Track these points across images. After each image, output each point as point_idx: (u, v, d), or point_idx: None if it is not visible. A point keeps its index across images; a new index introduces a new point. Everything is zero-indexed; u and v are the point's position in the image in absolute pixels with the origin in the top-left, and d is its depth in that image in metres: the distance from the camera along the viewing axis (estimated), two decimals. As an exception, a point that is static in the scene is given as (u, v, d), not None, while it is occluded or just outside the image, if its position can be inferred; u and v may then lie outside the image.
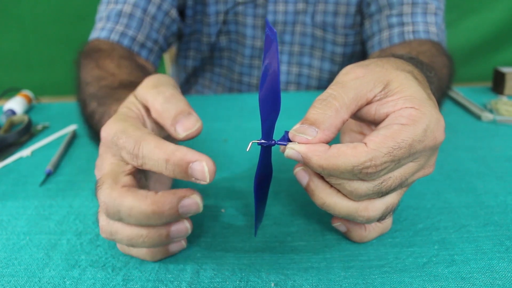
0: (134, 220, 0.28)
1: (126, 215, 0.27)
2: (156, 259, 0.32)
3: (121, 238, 0.29)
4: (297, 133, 0.28)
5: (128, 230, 0.29)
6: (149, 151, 0.28)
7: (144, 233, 0.28)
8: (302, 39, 0.75)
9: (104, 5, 0.67)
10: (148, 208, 0.27)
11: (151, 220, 0.27)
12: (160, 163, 0.28)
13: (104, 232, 0.30)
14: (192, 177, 0.27)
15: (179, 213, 0.28)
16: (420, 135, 0.27)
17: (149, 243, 0.29)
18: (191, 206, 0.28)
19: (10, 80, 1.14)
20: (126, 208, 0.27)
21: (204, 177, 0.27)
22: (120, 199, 0.27)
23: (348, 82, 0.29)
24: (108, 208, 0.28)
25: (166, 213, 0.27)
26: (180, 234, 0.30)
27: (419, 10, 0.63)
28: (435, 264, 0.32)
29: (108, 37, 0.63)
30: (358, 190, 0.28)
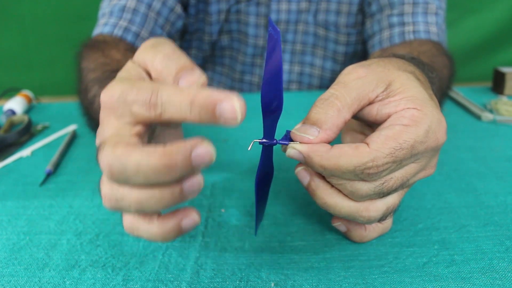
0: (143, 178, 0.24)
1: (133, 173, 0.24)
2: (169, 239, 0.28)
3: (128, 204, 0.25)
4: (298, 132, 0.28)
5: (135, 193, 0.25)
6: (170, 96, 0.25)
7: (156, 194, 0.25)
8: (304, 38, 0.75)
9: (107, 1, 0.67)
10: (158, 161, 0.23)
11: (162, 176, 0.24)
12: (183, 107, 0.24)
13: (108, 201, 0.26)
14: (221, 118, 0.24)
15: (193, 165, 0.24)
16: (422, 136, 0.27)
17: (162, 204, 0.25)
18: (205, 155, 0.24)
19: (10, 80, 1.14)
20: (133, 164, 0.23)
21: (234, 116, 0.23)
22: (125, 156, 0.24)
23: (350, 82, 0.29)
24: (113, 168, 0.24)
25: (179, 165, 0.24)
26: (193, 189, 0.26)
27: (420, 10, 0.63)
28: (435, 264, 0.32)
29: (111, 32, 0.63)
30: (359, 191, 0.28)
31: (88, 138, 0.58)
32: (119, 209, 0.26)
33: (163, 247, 0.35)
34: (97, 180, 0.46)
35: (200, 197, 0.42)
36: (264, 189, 0.32)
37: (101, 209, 0.41)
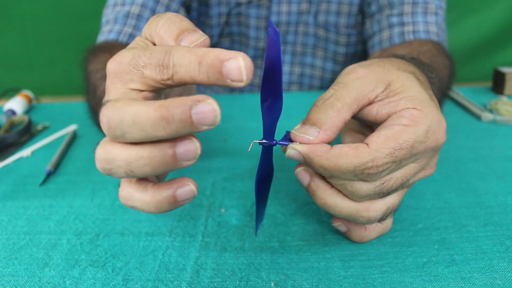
0: (138, 131, 0.23)
1: (129, 125, 0.23)
2: (163, 209, 0.27)
3: (118, 164, 0.24)
4: (298, 133, 0.28)
5: (126, 152, 0.24)
6: (180, 57, 0.24)
7: (146, 154, 0.24)
8: (305, 39, 0.75)
9: (111, 8, 0.66)
10: (156, 112, 0.22)
11: (158, 129, 0.23)
12: (192, 67, 0.24)
13: (100, 162, 0.25)
14: (227, 78, 0.23)
15: (193, 121, 0.23)
16: (422, 136, 0.27)
17: (152, 166, 0.24)
18: (208, 113, 0.23)
19: (10, 80, 1.14)
20: (131, 114, 0.23)
21: (240, 75, 0.23)
22: (124, 107, 0.23)
23: (349, 82, 0.29)
24: (110, 120, 0.23)
25: (177, 119, 0.23)
26: (188, 155, 0.25)
27: (420, 9, 0.63)
28: (435, 264, 0.32)
29: (116, 39, 0.63)
30: (359, 191, 0.28)
31: (88, 138, 0.58)
32: (110, 172, 0.25)
33: (163, 247, 0.35)
34: (97, 180, 0.46)
35: (200, 197, 0.42)
36: (264, 190, 0.32)
37: (101, 209, 0.41)
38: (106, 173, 0.26)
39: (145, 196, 0.26)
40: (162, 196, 0.26)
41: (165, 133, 0.23)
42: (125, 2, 0.65)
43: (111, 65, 0.26)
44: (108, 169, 0.25)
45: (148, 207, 0.26)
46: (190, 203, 0.41)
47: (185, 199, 0.26)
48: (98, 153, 0.25)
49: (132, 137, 0.23)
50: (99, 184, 0.46)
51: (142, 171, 0.24)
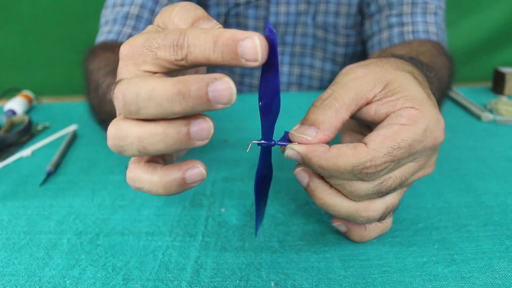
0: (154, 106, 0.23)
1: (145, 100, 0.23)
2: (171, 191, 0.26)
3: (131, 141, 0.24)
4: (297, 133, 0.28)
5: (140, 128, 0.24)
6: (195, 37, 0.24)
7: (160, 130, 0.24)
8: (304, 40, 0.75)
9: (110, 8, 0.67)
10: (172, 87, 0.22)
11: (175, 105, 0.23)
12: (207, 47, 0.24)
13: (112, 138, 0.25)
14: (242, 57, 0.23)
15: (209, 98, 0.23)
16: (420, 135, 0.27)
17: (166, 143, 0.24)
18: (224, 90, 0.23)
19: (10, 81, 1.14)
20: (147, 89, 0.23)
21: (255, 54, 0.23)
22: (140, 83, 0.23)
23: (348, 82, 0.29)
24: (126, 95, 0.23)
25: (194, 95, 0.23)
26: (202, 134, 0.25)
27: (419, 10, 0.63)
28: (435, 264, 0.32)
29: (116, 40, 0.63)
30: (358, 190, 0.28)
31: (88, 138, 0.58)
32: (122, 149, 0.25)
33: (163, 246, 0.35)
34: (97, 180, 0.46)
35: (200, 197, 0.42)
36: (264, 190, 0.32)
37: (101, 209, 0.41)
38: (117, 151, 0.25)
39: (154, 177, 0.26)
40: (171, 178, 0.25)
41: (181, 109, 0.23)
42: (124, 3, 0.65)
43: (125, 48, 0.26)
44: (120, 146, 0.25)
45: (156, 188, 0.26)
46: (190, 203, 0.41)
47: (194, 182, 0.26)
48: (110, 131, 0.25)
49: (147, 113, 0.23)
50: (99, 184, 0.46)
51: (155, 148, 0.24)
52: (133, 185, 0.27)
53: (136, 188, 0.27)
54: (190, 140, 0.24)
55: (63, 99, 0.87)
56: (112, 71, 0.48)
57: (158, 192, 0.26)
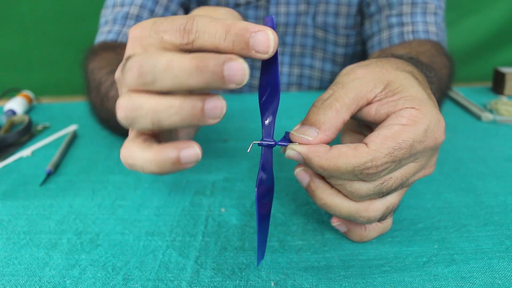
0: (171, 78, 0.24)
1: (162, 70, 0.23)
2: (165, 170, 0.26)
3: (145, 112, 0.24)
4: (297, 133, 0.28)
5: (155, 100, 0.24)
6: (205, 24, 0.24)
7: (176, 103, 0.24)
8: (303, 40, 0.75)
9: (110, 8, 0.66)
10: (191, 60, 0.23)
11: (191, 77, 0.23)
12: (218, 35, 0.24)
13: (124, 110, 0.25)
14: (253, 48, 0.24)
15: (224, 76, 0.24)
16: (421, 135, 0.27)
17: (181, 116, 0.24)
18: (238, 70, 0.24)
19: (10, 81, 1.14)
20: (165, 61, 0.23)
21: (267, 47, 0.24)
22: (158, 54, 0.24)
23: (348, 83, 0.29)
24: (142, 65, 0.24)
25: (210, 71, 0.23)
26: (215, 112, 0.25)
27: (419, 10, 0.63)
28: (435, 264, 0.32)
29: (115, 40, 0.63)
30: (359, 191, 0.28)
31: (88, 138, 0.58)
32: (133, 120, 0.25)
33: (163, 246, 0.35)
34: (97, 180, 0.46)
35: (200, 197, 0.42)
36: (266, 208, 0.30)
37: (101, 208, 0.41)
38: (128, 122, 0.26)
39: (148, 154, 0.26)
40: (166, 156, 0.25)
41: (196, 83, 0.23)
42: (124, 3, 0.65)
43: (134, 30, 0.27)
44: (132, 117, 0.25)
45: (149, 166, 0.26)
46: (190, 203, 0.41)
47: (189, 162, 0.26)
48: (122, 102, 0.25)
49: (162, 84, 0.24)
50: (99, 184, 0.46)
51: (170, 121, 0.24)
52: (126, 161, 0.27)
53: (129, 165, 0.27)
54: (204, 117, 0.25)
55: (63, 99, 0.87)
56: (114, 70, 0.48)
57: (151, 170, 0.26)
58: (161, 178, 0.46)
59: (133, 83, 0.24)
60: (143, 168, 0.26)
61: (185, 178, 0.46)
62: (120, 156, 0.27)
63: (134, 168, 0.27)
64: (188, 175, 0.47)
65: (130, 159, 0.26)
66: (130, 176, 0.47)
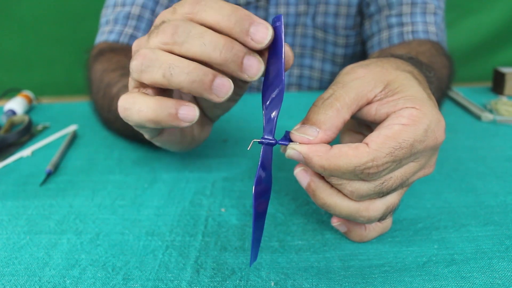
0: (198, 45, 0.26)
1: (195, 36, 0.26)
2: (159, 119, 0.28)
3: (160, 64, 0.27)
4: (298, 133, 0.28)
5: (174, 57, 0.27)
6: (213, 2, 0.27)
7: (192, 66, 0.26)
8: (303, 41, 0.75)
9: (111, 8, 0.66)
10: (220, 38, 0.26)
11: (216, 51, 0.26)
12: (224, 12, 0.26)
13: (143, 57, 0.27)
14: (250, 35, 0.26)
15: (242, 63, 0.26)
16: (421, 135, 0.27)
17: (191, 78, 0.26)
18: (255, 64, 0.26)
19: (10, 81, 1.14)
20: (201, 29, 0.26)
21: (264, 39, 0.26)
22: (195, 24, 0.26)
23: (348, 82, 0.29)
24: (180, 27, 0.26)
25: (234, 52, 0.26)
26: (222, 90, 0.27)
27: (418, 10, 0.63)
28: (435, 264, 0.32)
29: (117, 40, 0.63)
30: (359, 191, 0.28)
31: (88, 138, 0.58)
32: (146, 68, 0.27)
33: (163, 246, 0.35)
34: (97, 180, 0.46)
35: (200, 197, 0.42)
36: (262, 209, 0.30)
37: (101, 209, 0.41)
38: (139, 69, 0.28)
39: (150, 100, 0.28)
40: (165, 105, 0.27)
41: (218, 58, 0.26)
42: (125, 2, 0.65)
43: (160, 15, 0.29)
44: (146, 65, 0.27)
45: (147, 109, 0.27)
46: (190, 203, 0.41)
47: (184, 119, 0.28)
48: (143, 51, 0.27)
49: (189, 47, 0.26)
50: (99, 184, 0.46)
51: (180, 79, 0.26)
52: (123, 105, 0.29)
53: (124, 109, 0.29)
54: (211, 91, 0.27)
55: (63, 99, 0.87)
56: (125, 74, 0.48)
57: (147, 115, 0.28)
58: (161, 178, 0.46)
59: (163, 41, 0.27)
60: (139, 112, 0.28)
61: (185, 178, 0.46)
62: (119, 101, 0.29)
63: (127, 113, 0.29)
64: (188, 175, 0.47)
65: (128, 103, 0.28)
66: (130, 176, 0.47)
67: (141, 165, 0.49)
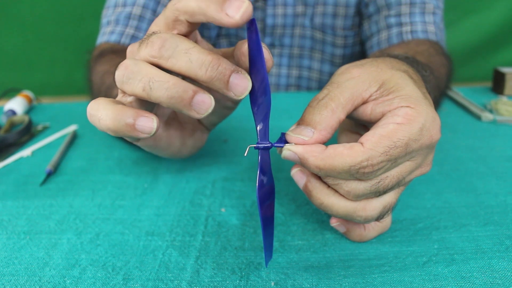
0: (184, 61, 0.26)
1: (181, 52, 0.26)
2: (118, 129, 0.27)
3: (141, 77, 0.27)
4: (293, 134, 0.28)
5: (156, 71, 0.27)
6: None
7: (172, 81, 0.26)
8: (302, 42, 0.75)
9: (111, 8, 0.66)
10: (209, 54, 0.26)
11: (201, 69, 0.26)
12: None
13: (125, 68, 0.27)
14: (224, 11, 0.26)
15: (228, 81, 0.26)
16: (416, 134, 0.27)
17: (170, 94, 0.26)
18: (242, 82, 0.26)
19: (10, 81, 1.14)
20: (188, 45, 0.26)
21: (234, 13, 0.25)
22: (183, 39, 0.27)
23: (343, 82, 0.29)
24: (167, 41, 0.26)
25: (220, 70, 0.26)
26: (202, 106, 0.27)
27: (417, 10, 0.63)
28: (435, 263, 0.32)
29: (118, 41, 0.63)
30: (355, 190, 0.28)
31: (88, 138, 0.58)
32: (127, 80, 0.27)
33: (163, 246, 0.35)
34: (97, 180, 0.46)
35: (200, 197, 0.42)
36: (269, 211, 0.30)
37: (101, 208, 0.41)
38: (121, 80, 0.28)
39: (110, 108, 0.27)
40: (123, 116, 0.27)
41: (203, 75, 0.26)
42: (126, 3, 0.65)
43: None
44: (127, 77, 0.27)
45: (106, 118, 0.27)
46: (190, 203, 0.41)
47: (142, 131, 0.27)
48: (127, 62, 0.27)
49: (174, 63, 0.26)
50: (99, 184, 0.46)
51: (159, 93, 0.26)
52: (89, 111, 0.29)
53: (90, 115, 0.29)
54: (190, 107, 0.27)
55: (63, 99, 0.87)
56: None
57: (107, 124, 0.27)
58: (161, 178, 0.46)
59: (150, 54, 0.27)
60: (99, 121, 0.28)
61: (185, 178, 0.46)
62: (88, 106, 0.29)
63: (93, 119, 0.28)
64: (188, 175, 0.47)
65: (93, 110, 0.28)
66: (130, 176, 0.47)
67: (141, 165, 0.49)
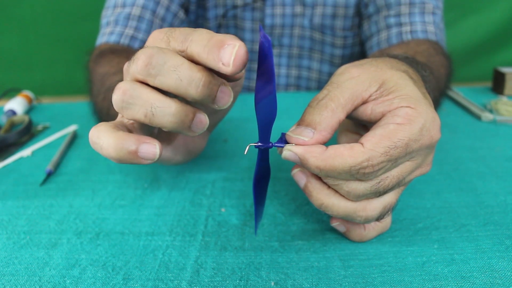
0: (174, 79, 0.25)
1: (169, 69, 0.25)
2: (121, 158, 0.27)
3: (142, 103, 0.26)
4: (293, 134, 0.28)
5: (156, 95, 0.26)
6: (199, 35, 0.26)
7: (174, 105, 0.26)
8: (301, 42, 0.76)
9: (111, 9, 0.66)
10: (199, 72, 0.25)
11: (192, 86, 0.25)
12: (203, 43, 0.26)
13: (123, 93, 0.26)
14: (220, 60, 0.25)
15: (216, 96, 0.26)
16: (416, 134, 0.27)
17: (174, 119, 0.26)
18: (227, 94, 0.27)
19: (10, 81, 1.14)
20: (176, 61, 0.25)
21: (228, 61, 0.25)
22: (172, 54, 0.26)
23: (343, 82, 0.29)
24: (153, 57, 0.25)
25: (209, 87, 0.26)
26: (200, 127, 0.27)
27: (417, 10, 0.63)
28: (435, 263, 0.32)
29: (118, 42, 0.63)
30: (355, 190, 0.28)
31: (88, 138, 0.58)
32: (128, 106, 0.26)
33: (163, 246, 0.35)
34: (97, 180, 0.46)
35: (200, 197, 0.42)
36: (262, 189, 0.33)
37: (101, 208, 0.41)
38: (121, 107, 0.27)
39: (112, 136, 0.27)
40: (125, 144, 0.26)
41: (194, 93, 0.26)
42: (125, 3, 0.65)
43: (152, 35, 0.29)
44: (128, 102, 0.26)
45: (107, 148, 0.26)
46: (190, 203, 0.41)
47: (145, 158, 0.27)
48: (123, 85, 0.26)
49: (163, 81, 0.26)
50: (99, 184, 0.46)
51: (162, 120, 0.26)
52: (91, 139, 0.28)
53: (93, 143, 0.28)
54: (190, 128, 0.27)
55: (63, 99, 0.87)
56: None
57: (109, 153, 0.27)
58: (161, 178, 0.46)
59: (137, 71, 0.26)
60: (102, 149, 0.27)
61: (185, 178, 0.46)
62: (89, 133, 0.28)
63: (95, 147, 0.28)
64: (188, 175, 0.47)
65: (95, 137, 0.27)
66: (130, 176, 0.47)
67: (141, 165, 0.49)
